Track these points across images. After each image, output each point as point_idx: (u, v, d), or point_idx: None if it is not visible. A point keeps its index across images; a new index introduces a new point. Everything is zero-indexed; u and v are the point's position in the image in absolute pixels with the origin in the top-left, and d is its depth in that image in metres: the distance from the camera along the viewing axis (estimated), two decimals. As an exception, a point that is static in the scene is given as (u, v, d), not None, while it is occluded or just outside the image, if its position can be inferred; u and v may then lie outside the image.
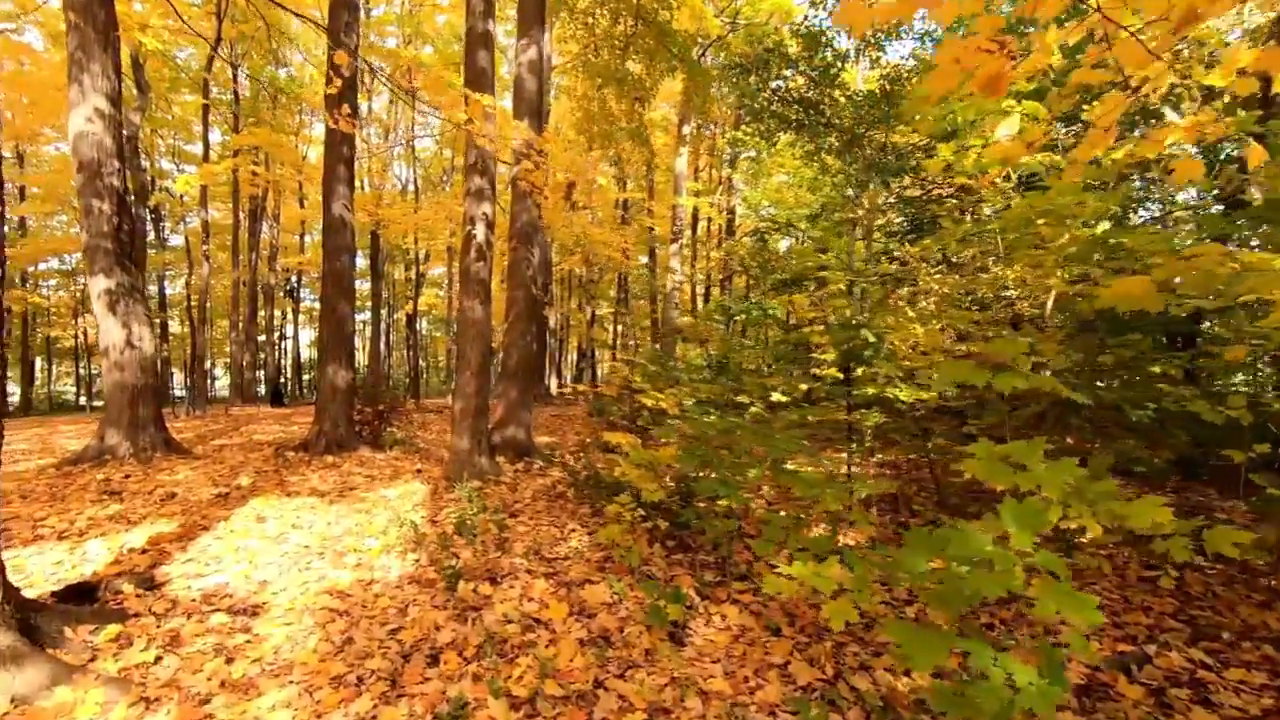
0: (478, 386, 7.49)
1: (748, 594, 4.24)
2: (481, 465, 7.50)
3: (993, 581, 2.10)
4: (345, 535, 5.57)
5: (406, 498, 6.90)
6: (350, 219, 10.07)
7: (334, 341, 9.88)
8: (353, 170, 10.22)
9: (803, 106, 12.44)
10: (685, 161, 18.75)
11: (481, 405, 7.56)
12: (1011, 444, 2.65)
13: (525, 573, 4.62)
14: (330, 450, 9.59)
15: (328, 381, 9.82)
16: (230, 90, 25.24)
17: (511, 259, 9.08)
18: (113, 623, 3.70)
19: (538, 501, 6.65)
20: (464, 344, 7.54)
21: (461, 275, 7.61)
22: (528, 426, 8.96)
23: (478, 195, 7.53)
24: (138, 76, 22.07)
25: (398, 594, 4.33)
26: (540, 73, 9.15)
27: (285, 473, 8.39)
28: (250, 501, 6.67)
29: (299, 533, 5.64)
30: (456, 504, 6.40)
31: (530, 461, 8.52)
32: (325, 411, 9.82)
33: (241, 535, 5.53)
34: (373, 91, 28.60)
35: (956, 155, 5.72)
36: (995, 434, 5.51)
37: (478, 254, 7.48)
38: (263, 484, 7.57)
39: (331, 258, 9.89)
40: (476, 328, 7.51)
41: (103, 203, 8.83)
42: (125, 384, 9.02)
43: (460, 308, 7.61)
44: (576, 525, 5.71)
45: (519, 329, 8.91)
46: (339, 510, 6.38)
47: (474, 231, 7.48)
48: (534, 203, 8.89)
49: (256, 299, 29.11)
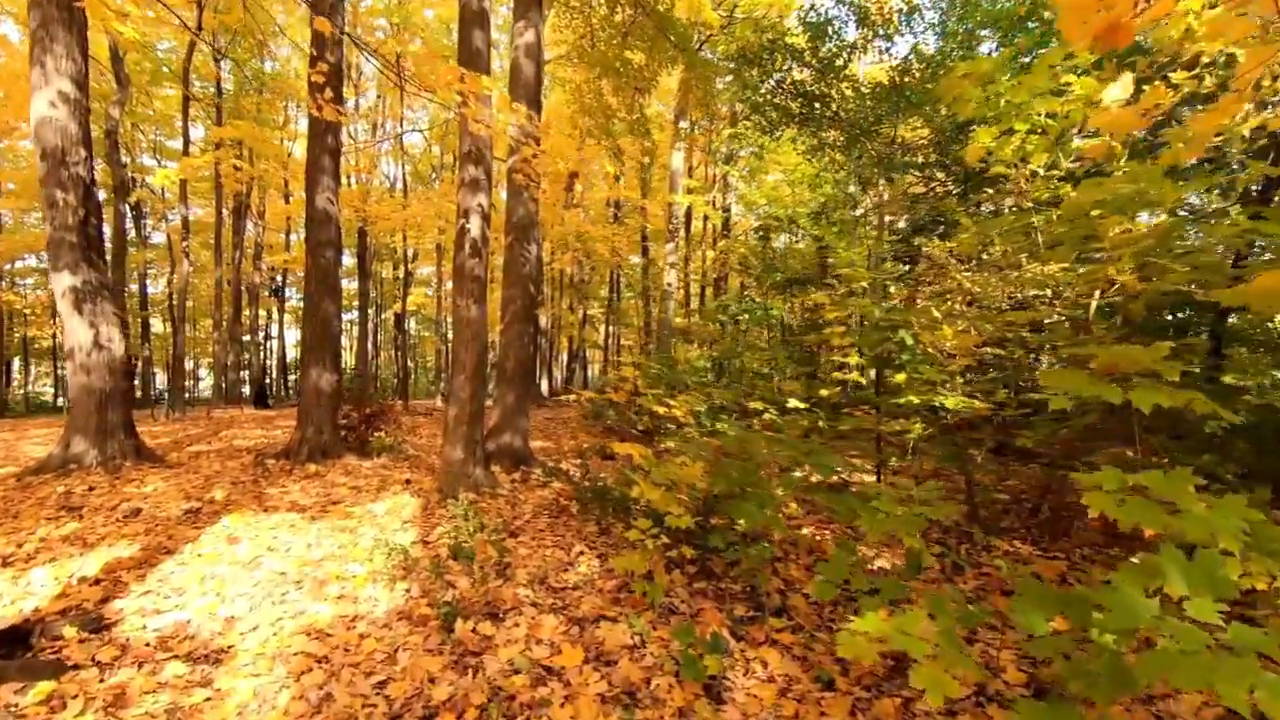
0: (472, 391, 6.91)
1: (787, 633, 3.69)
2: (477, 476, 6.92)
3: (1189, 670, 1.55)
4: (327, 560, 4.97)
5: (395, 513, 6.30)
6: (335, 212, 9.45)
7: (318, 342, 9.26)
8: (338, 162, 9.60)
9: (807, 100, 11.93)
10: (681, 158, 18.22)
11: (476, 411, 6.97)
12: (1148, 474, 2.12)
13: (531, 606, 4.05)
14: (313, 458, 8.97)
15: (311, 384, 9.20)
16: (214, 84, 24.47)
17: (508, 256, 8.50)
18: (45, 678, 3.10)
19: (539, 518, 6.07)
20: (458, 346, 6.95)
21: (455, 273, 7.02)
22: (525, 434, 8.38)
23: (472, 186, 6.95)
24: (117, 70, 21.31)
25: (385, 634, 3.75)
26: (538, 58, 8.57)
27: (264, 484, 7.77)
28: (223, 519, 6.05)
29: (275, 557, 5.03)
30: (450, 521, 5.81)
31: (528, 471, 7.94)
32: (308, 417, 9.19)
33: (210, 560, 4.92)
34: (360, 88, 27.90)
35: (998, 141, 5.21)
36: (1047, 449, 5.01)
37: (472, 250, 6.89)
38: (238, 497, 6.95)
39: (315, 253, 9.26)
40: (471, 328, 6.93)
41: (67, 194, 8.17)
42: (92, 388, 8.37)
43: (454, 307, 7.02)
44: (584, 547, 5.14)
45: (516, 330, 8.32)
46: (320, 529, 5.78)
47: (468, 225, 6.89)
48: (531, 196, 8.31)
49: (241, 298, 28.31)
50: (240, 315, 28.68)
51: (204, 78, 26.01)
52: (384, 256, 34.99)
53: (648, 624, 3.75)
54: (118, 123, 21.32)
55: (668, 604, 3.99)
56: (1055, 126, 4.86)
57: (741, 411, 7.23)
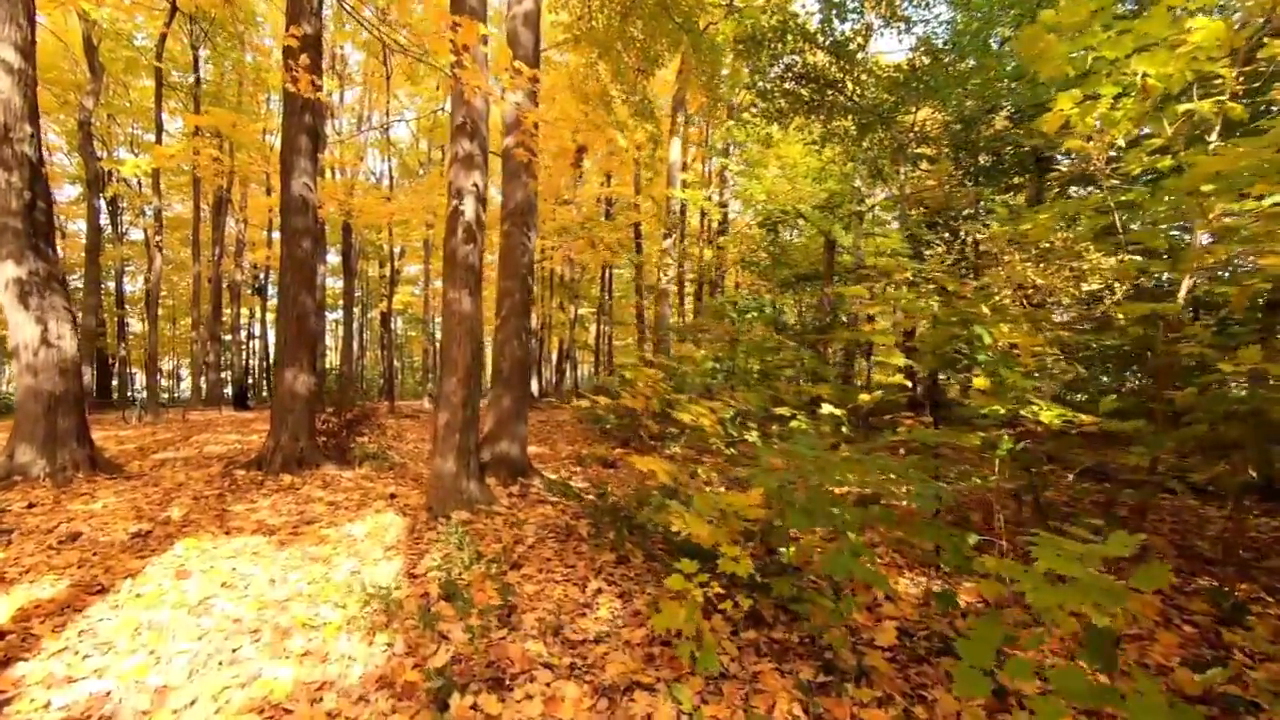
0: (466, 395, 6.04)
1: (874, 707, 2.87)
2: (470, 492, 6.05)
3: None
4: (293, 600, 4.09)
5: (377, 537, 5.43)
6: (314, 198, 8.54)
7: (294, 340, 8.35)
8: (317, 142, 8.69)
9: (818, 85, 11.15)
10: (679, 151, 17.43)
11: (470, 418, 6.11)
12: None
13: (544, 668, 3.20)
14: (288, 468, 8.07)
15: (286, 387, 8.29)
16: (191, 73, 23.36)
17: (504, 245, 7.63)
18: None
19: (544, 542, 5.22)
20: (449, 343, 6.08)
21: (446, 260, 6.15)
22: (523, 441, 7.51)
23: (466, 163, 6.08)
24: (90, 59, 20.27)
25: (361, 711, 2.90)
26: (536, 27, 7.71)
27: (230, 499, 6.86)
28: (176, 545, 5.15)
29: (231, 596, 4.15)
30: (441, 547, 4.95)
31: (527, 484, 7.08)
32: (283, 422, 8.28)
33: (150, 602, 4.03)
34: (345, 79, 26.87)
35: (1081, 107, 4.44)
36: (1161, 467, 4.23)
37: (466, 234, 6.03)
38: (198, 517, 6.04)
39: (291, 243, 8.35)
40: (465, 324, 6.06)
41: (10, 174, 7.25)
42: (40, 390, 7.45)
43: (444, 300, 6.15)
44: (602, 583, 4.29)
45: (512, 325, 7.46)
46: (289, 558, 4.90)
47: (461, 207, 6.03)
48: (530, 178, 7.45)
49: (221, 296, 27.20)
50: (221, 313, 27.57)
51: (182, 68, 24.93)
52: (370, 254, 33.98)
53: (694, 695, 2.92)
54: (91, 114, 20.21)
55: (722, 668, 3.16)
56: (1157, 86, 4.07)
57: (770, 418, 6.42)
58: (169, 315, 37.36)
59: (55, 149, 30.16)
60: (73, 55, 23.91)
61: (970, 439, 3.78)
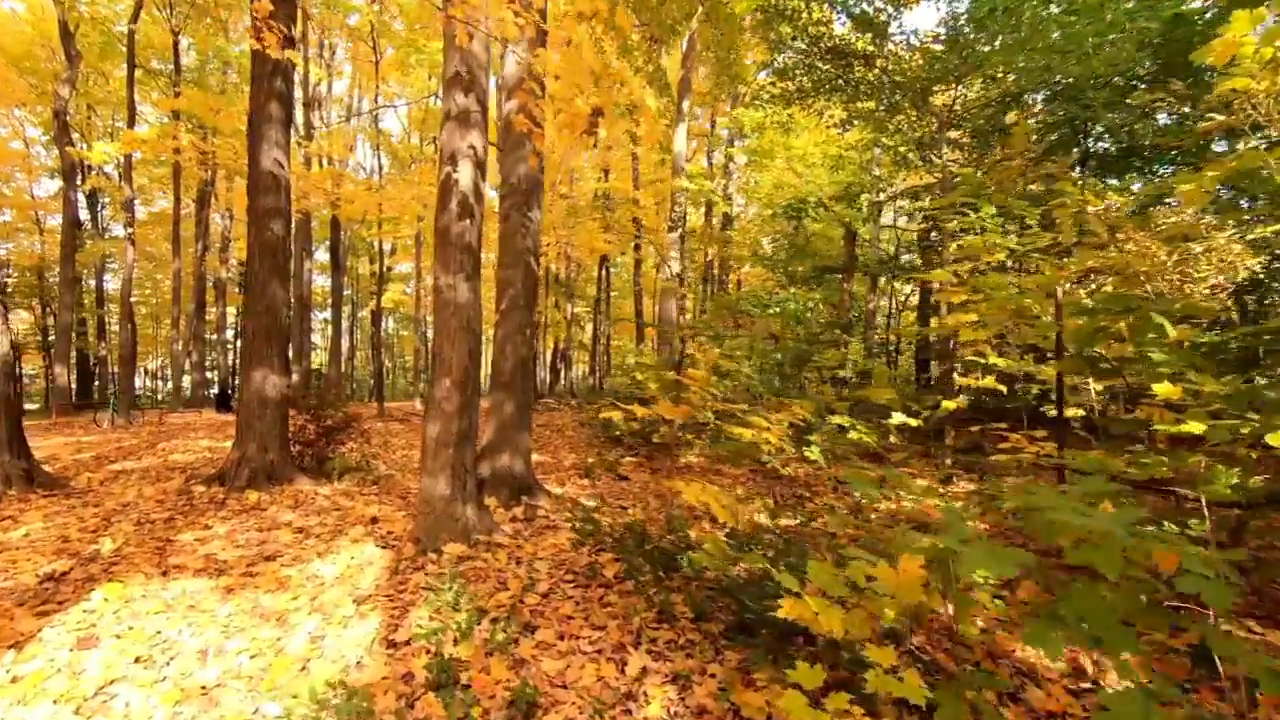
0: (462, 402, 4.92)
1: None
2: (466, 519, 4.93)
3: None
4: (225, 686, 2.97)
5: (351, 579, 4.30)
6: (286, 175, 7.39)
7: (263, 337, 7.20)
8: (290, 111, 7.54)
9: (846, 60, 10.08)
10: (684, 140, 16.35)
11: (466, 430, 4.99)
12: None
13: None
14: (255, 483, 6.92)
15: (253, 391, 7.13)
16: (171, 59, 22.07)
17: (504, 228, 6.51)
18: None
19: (562, 588, 4.10)
20: (441, 340, 4.96)
21: (437, 239, 5.03)
22: (527, 454, 6.39)
23: (461, 121, 4.96)
24: (67, 45, 19.10)
25: None
26: (543, -23, 6.60)
27: (182, 523, 5.71)
28: (95, 592, 4.01)
29: (142, 680, 3.02)
30: (431, 598, 3.84)
31: (533, 505, 5.96)
32: (249, 431, 7.12)
33: (25, 690, 2.89)
34: (334, 70, 25.62)
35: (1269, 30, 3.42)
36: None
37: (461, 208, 4.90)
38: (135, 550, 4.89)
39: (260, 224, 7.20)
40: (461, 316, 4.93)
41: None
42: (-39, 395, 6.30)
43: (435, 289, 5.02)
44: (645, 656, 3.17)
45: (515, 320, 6.34)
46: (235, 613, 3.76)
47: (455, 174, 4.91)
48: (534, 150, 6.34)
49: (205, 293, 25.93)
50: (205, 311, 26.27)
51: (161, 54, 23.63)
52: (360, 251, 32.75)
53: None
54: (67, 102, 19.02)
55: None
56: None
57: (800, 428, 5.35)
58: (153, 313, 35.93)
59: (34, 141, 28.81)
60: (50, 44, 22.66)
61: (1154, 465, 2.71)
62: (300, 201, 16.24)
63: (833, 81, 10.37)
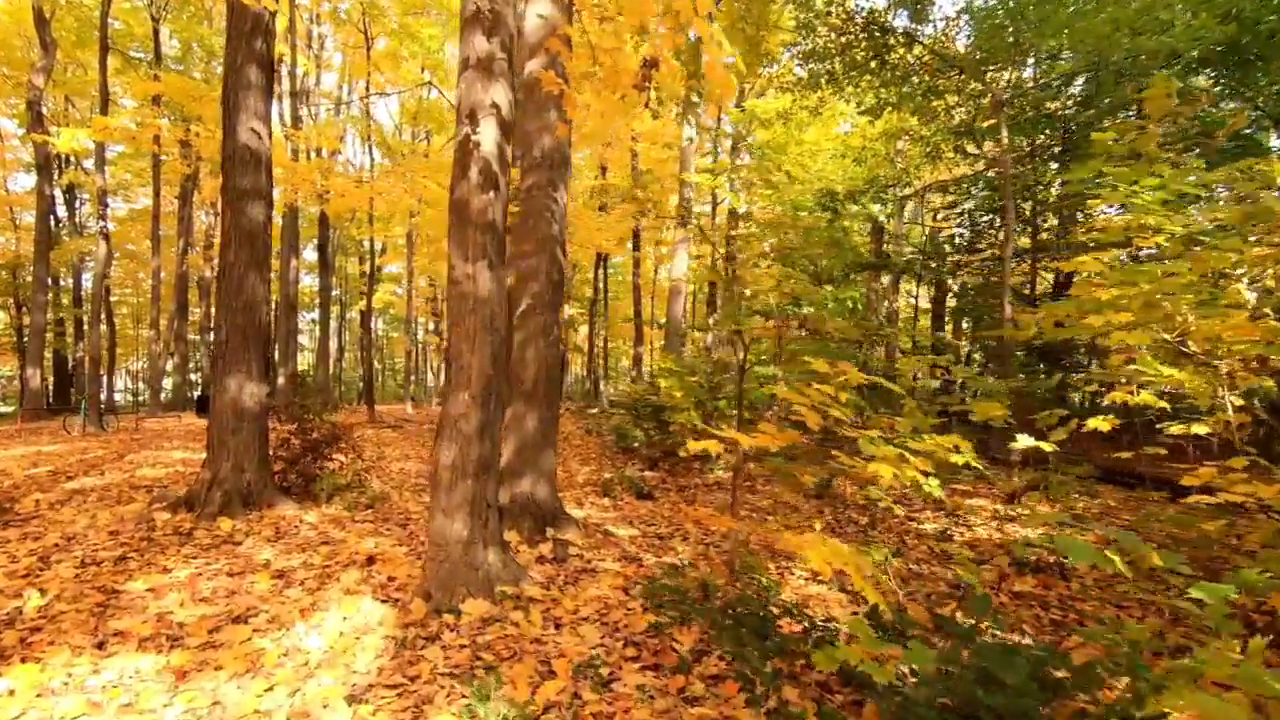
0: (483, 420, 3.86)
1: None
2: (488, 567, 3.87)
3: None
4: None
5: (345, 657, 3.23)
6: (267, 150, 6.30)
7: (239, 338, 6.10)
8: (271, 76, 6.44)
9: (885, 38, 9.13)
10: (694, 131, 15.41)
11: (488, 455, 3.93)
12: None
13: None
14: (229, 508, 5.81)
15: (228, 400, 6.03)
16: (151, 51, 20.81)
17: (525, 208, 5.46)
18: None
19: (625, 672, 3.06)
20: (458, 342, 3.91)
21: (453, 217, 3.98)
22: (552, 477, 5.34)
23: (483, 70, 3.91)
24: (41, 33, 17.95)
25: None
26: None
27: (135, 564, 4.62)
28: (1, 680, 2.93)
29: None
30: (454, 690, 2.79)
31: (561, 540, 4.91)
32: (223, 447, 6.01)
33: None
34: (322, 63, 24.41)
35: None
36: None
37: (484, 177, 3.86)
38: (68, 609, 3.79)
39: (236, 206, 6.10)
40: (481, 313, 3.88)
41: None
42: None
43: (450, 279, 3.96)
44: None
45: (539, 319, 5.29)
46: (186, 715, 2.71)
47: (476, 135, 3.86)
48: (562, 116, 5.30)
49: (187, 293, 24.61)
50: (188, 312, 24.95)
51: (144, 45, 22.32)
52: (349, 249, 31.50)
53: None
54: (42, 92, 17.79)
55: None
56: None
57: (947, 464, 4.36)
58: (134, 314, 34.38)
59: (9, 135, 27.34)
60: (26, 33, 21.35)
61: None
62: (288, 195, 15.10)
63: (868, 64, 9.42)
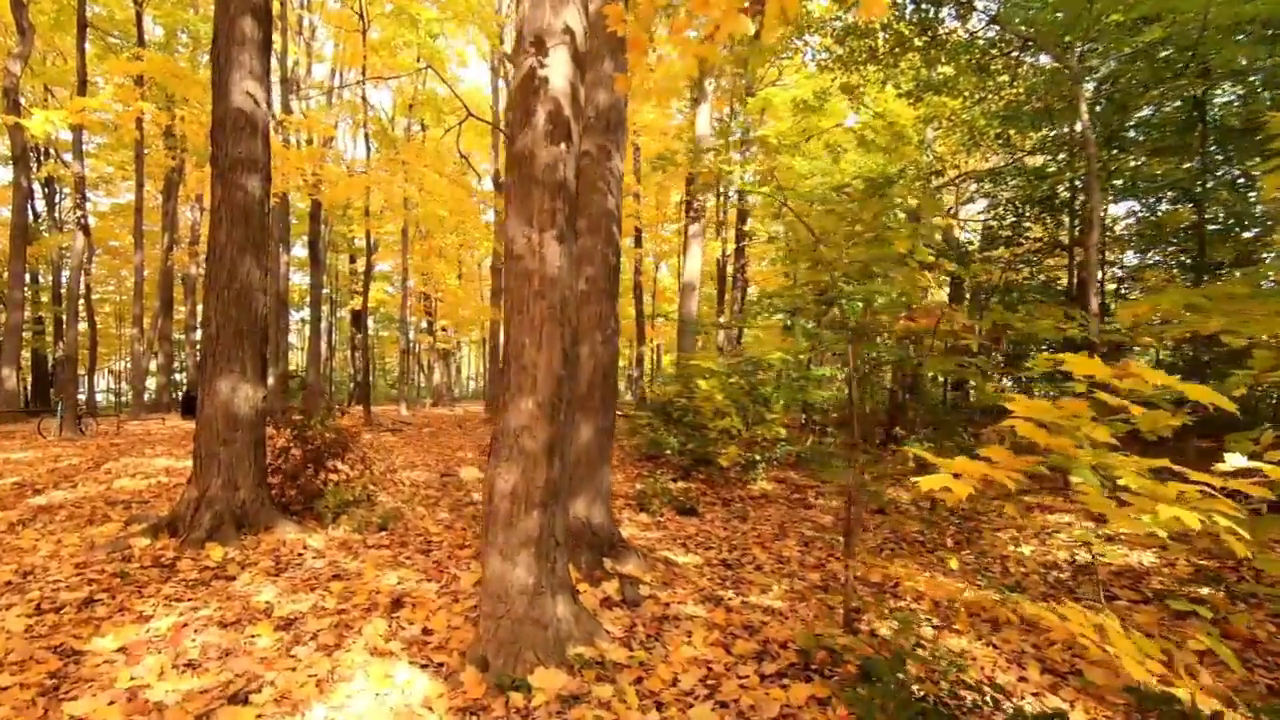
0: (552, 436, 2.96)
1: None
2: (560, 623, 2.97)
3: None
4: None
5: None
6: (264, 115, 5.34)
7: (231, 332, 5.14)
8: (268, 30, 5.47)
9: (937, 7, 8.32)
10: (707, 121, 14.59)
11: (558, 480, 3.03)
12: None
13: None
14: (219, 532, 4.85)
15: (219, 404, 5.06)
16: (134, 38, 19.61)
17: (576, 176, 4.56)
18: None
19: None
20: (520, 334, 3.00)
21: (513, 173, 3.07)
22: (608, 498, 4.44)
23: (552, -14, 3.02)
24: (18, 17, 16.75)
25: None
26: None
27: (103, 609, 3.67)
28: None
29: None
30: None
31: (629, 577, 4.01)
32: (213, 460, 5.05)
33: None
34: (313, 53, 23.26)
35: None
36: None
37: (553, 123, 2.97)
38: (10, 684, 2.85)
39: (229, 179, 5.13)
40: (551, 297, 2.99)
41: None
42: None
43: (508, 253, 3.06)
44: None
45: (594, 309, 4.39)
46: None
47: (544, 70, 2.97)
48: (619, 66, 4.40)
49: (172, 290, 23.39)
50: (173, 310, 23.71)
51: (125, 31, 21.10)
52: (340, 246, 30.33)
53: None
54: (18, 79, 16.64)
55: None
56: None
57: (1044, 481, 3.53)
58: (116, 312, 32.93)
59: (-16, 127, 25.96)
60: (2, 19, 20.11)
61: None
62: (278, 184, 14.08)
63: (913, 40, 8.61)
